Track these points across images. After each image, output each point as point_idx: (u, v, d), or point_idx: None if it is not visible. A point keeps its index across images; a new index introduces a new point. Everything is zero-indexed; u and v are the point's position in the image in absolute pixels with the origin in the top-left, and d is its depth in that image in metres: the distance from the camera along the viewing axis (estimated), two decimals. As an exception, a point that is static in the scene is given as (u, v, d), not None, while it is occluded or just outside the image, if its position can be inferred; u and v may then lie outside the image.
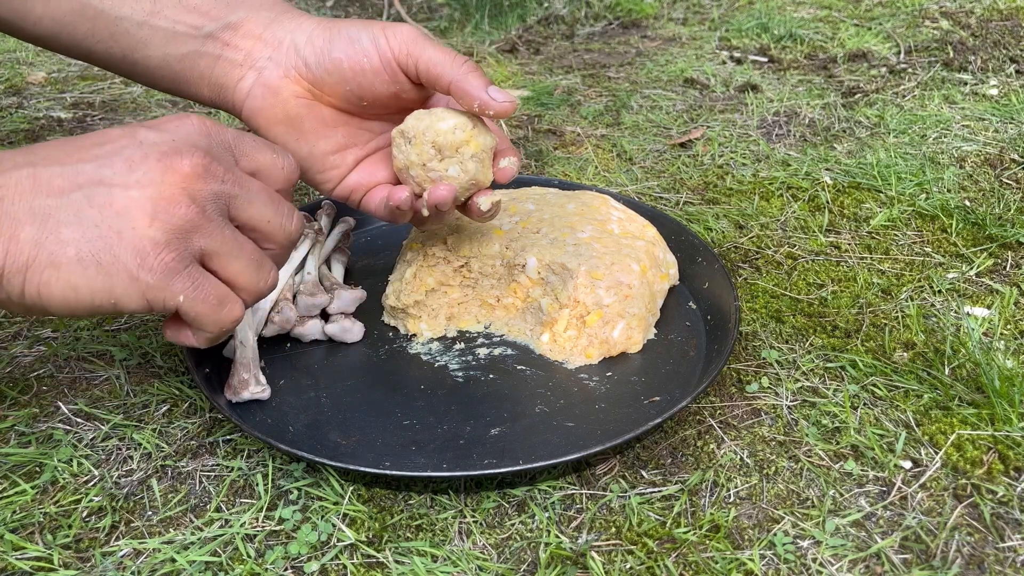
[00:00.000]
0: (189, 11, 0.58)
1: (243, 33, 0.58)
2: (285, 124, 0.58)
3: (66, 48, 0.60)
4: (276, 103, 0.57)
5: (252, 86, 0.58)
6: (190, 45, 0.58)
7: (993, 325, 0.67)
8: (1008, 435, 0.56)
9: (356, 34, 0.56)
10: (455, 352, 0.65)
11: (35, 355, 0.65)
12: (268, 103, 0.58)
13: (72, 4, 0.58)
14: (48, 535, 0.51)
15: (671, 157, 0.98)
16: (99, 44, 0.59)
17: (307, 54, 0.57)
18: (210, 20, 0.58)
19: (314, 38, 0.57)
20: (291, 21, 0.58)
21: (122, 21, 0.58)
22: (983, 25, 1.35)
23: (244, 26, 0.58)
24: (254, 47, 0.58)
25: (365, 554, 0.49)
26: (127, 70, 0.61)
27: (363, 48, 0.56)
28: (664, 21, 1.50)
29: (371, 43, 0.56)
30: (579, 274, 0.63)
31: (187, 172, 0.43)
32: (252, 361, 0.60)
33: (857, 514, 0.51)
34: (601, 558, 0.49)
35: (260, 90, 0.57)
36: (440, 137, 0.56)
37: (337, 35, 0.56)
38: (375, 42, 0.56)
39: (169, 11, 0.58)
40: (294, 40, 0.57)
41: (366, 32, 0.56)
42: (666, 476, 0.55)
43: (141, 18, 0.58)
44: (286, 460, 0.55)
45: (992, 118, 1.04)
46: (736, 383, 0.62)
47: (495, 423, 0.57)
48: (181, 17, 0.58)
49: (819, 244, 0.79)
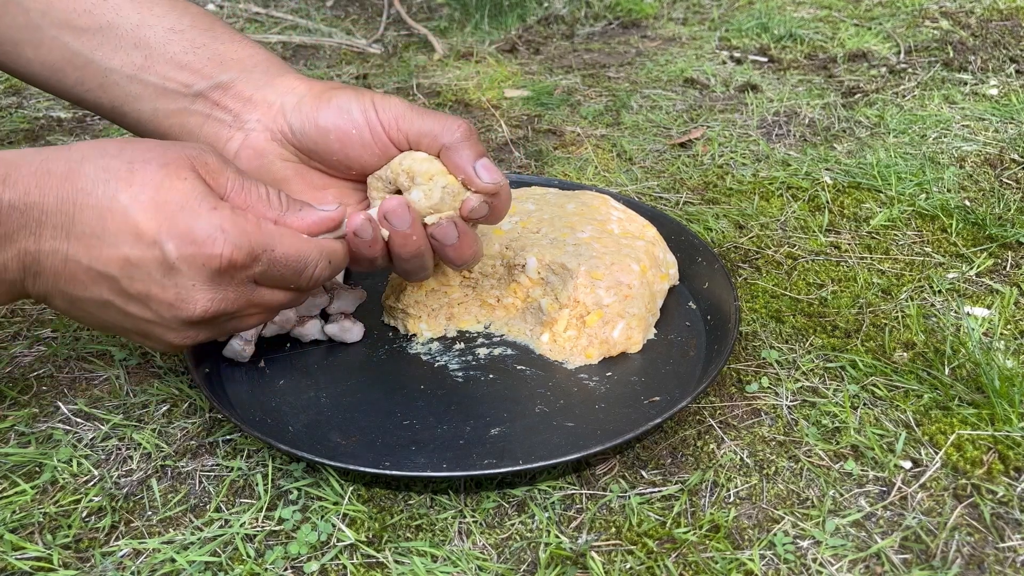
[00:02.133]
0: (180, 68, 0.57)
1: (233, 94, 0.57)
2: (272, 185, 0.57)
3: (56, 92, 0.60)
4: (262, 165, 0.57)
5: (239, 148, 0.57)
6: (180, 103, 0.57)
7: (993, 325, 0.67)
8: (1008, 435, 0.56)
9: (346, 104, 0.55)
10: (455, 352, 0.65)
11: (35, 355, 0.65)
12: (255, 165, 0.57)
13: (62, 52, 0.57)
14: (48, 535, 0.51)
15: (671, 157, 0.98)
16: (88, 93, 0.59)
17: (293, 120, 0.56)
18: (201, 78, 0.57)
19: (303, 104, 0.56)
20: (283, 83, 0.58)
21: (112, 73, 0.57)
22: (983, 25, 1.35)
23: (234, 87, 0.57)
24: (243, 109, 0.57)
25: (365, 554, 0.49)
26: (117, 120, 0.60)
27: (352, 119, 0.55)
28: (664, 21, 1.50)
29: (361, 115, 0.55)
30: (579, 274, 0.63)
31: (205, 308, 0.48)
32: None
33: (857, 514, 0.51)
34: (601, 558, 0.49)
35: (247, 152, 0.57)
36: (415, 165, 0.56)
37: (326, 104, 0.56)
38: (365, 114, 0.55)
39: (160, 67, 0.57)
40: (283, 104, 0.57)
41: (356, 104, 0.55)
42: (666, 476, 0.55)
43: (131, 72, 0.57)
44: (286, 460, 0.55)
45: (992, 118, 1.04)
46: (736, 383, 0.62)
47: (495, 423, 0.57)
48: (172, 74, 0.57)
49: (819, 244, 0.79)
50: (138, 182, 0.46)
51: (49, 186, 0.45)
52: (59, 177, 0.46)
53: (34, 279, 0.48)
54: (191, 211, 0.46)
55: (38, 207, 0.45)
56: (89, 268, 0.47)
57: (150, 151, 0.47)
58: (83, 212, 0.46)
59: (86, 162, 0.46)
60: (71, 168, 0.46)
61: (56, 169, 0.46)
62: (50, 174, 0.45)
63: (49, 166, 0.46)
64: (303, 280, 0.52)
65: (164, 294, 0.47)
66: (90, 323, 0.51)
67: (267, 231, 0.49)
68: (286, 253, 0.50)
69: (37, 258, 0.47)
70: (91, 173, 0.46)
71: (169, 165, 0.47)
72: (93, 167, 0.46)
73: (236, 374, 0.62)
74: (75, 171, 0.46)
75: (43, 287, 0.48)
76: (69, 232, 0.46)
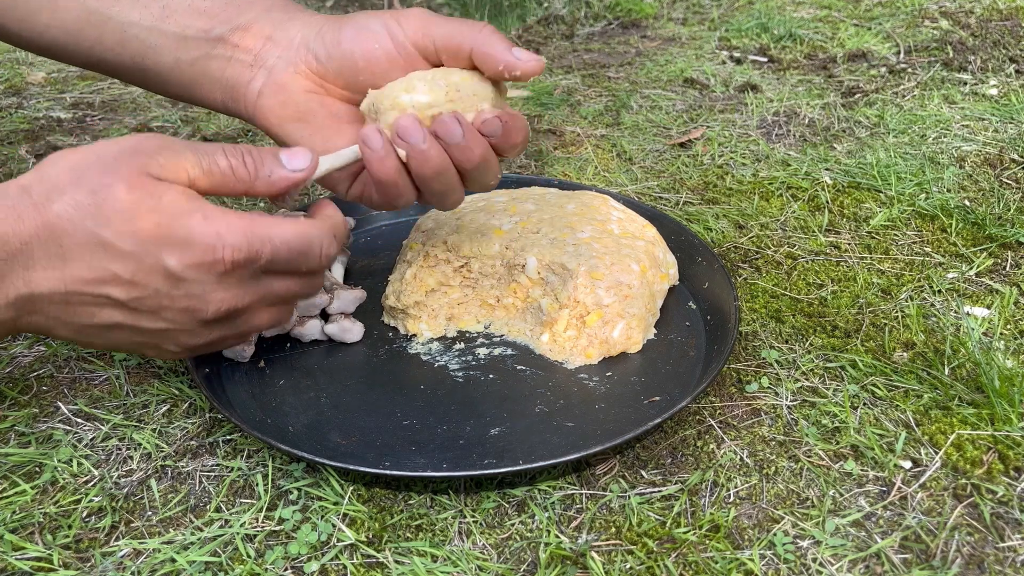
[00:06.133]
0: (199, 15, 0.57)
1: (253, 34, 0.57)
2: (296, 120, 0.57)
3: (74, 57, 0.60)
4: (287, 100, 0.57)
5: (263, 86, 0.57)
6: (200, 49, 0.57)
7: (993, 325, 0.67)
8: (1008, 435, 0.56)
9: (366, 22, 0.55)
10: (455, 352, 0.65)
11: (35, 355, 0.65)
12: (279, 100, 0.57)
13: (79, 12, 0.57)
14: (48, 535, 0.51)
15: (671, 157, 0.98)
16: (108, 52, 0.59)
17: (317, 48, 0.56)
18: (220, 23, 0.57)
19: (324, 32, 0.56)
20: (301, 19, 0.57)
21: (131, 27, 0.57)
22: (983, 25, 1.35)
23: (254, 27, 0.57)
24: (264, 47, 0.57)
25: (365, 554, 0.49)
26: (138, 78, 0.60)
27: (374, 35, 0.54)
28: (664, 21, 1.50)
29: (383, 29, 0.54)
30: (579, 274, 0.63)
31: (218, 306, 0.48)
32: None
33: (857, 514, 0.51)
34: (601, 558, 0.49)
35: (271, 88, 0.57)
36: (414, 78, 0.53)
37: (347, 25, 0.55)
38: (387, 28, 0.54)
39: (179, 16, 0.57)
40: (304, 37, 0.56)
41: (376, 20, 0.54)
42: (666, 476, 0.55)
43: (150, 23, 0.57)
44: (286, 460, 0.55)
45: (992, 118, 1.04)
46: (736, 383, 0.62)
47: (495, 423, 0.57)
48: (191, 21, 0.57)
49: (819, 244, 0.79)
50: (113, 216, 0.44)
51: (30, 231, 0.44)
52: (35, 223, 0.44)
53: (29, 316, 0.47)
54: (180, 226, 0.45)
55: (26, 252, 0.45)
56: (95, 296, 0.46)
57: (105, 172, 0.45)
58: (72, 251, 0.45)
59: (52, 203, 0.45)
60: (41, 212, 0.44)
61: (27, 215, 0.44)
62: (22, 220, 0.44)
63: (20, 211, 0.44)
64: (312, 261, 0.51)
65: (176, 303, 0.47)
66: (99, 346, 0.51)
67: (261, 224, 0.48)
68: (286, 240, 0.49)
69: (31, 299, 0.46)
70: (63, 213, 0.44)
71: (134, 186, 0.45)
72: (62, 206, 0.44)
73: (236, 374, 0.62)
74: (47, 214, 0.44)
75: (41, 322, 0.48)
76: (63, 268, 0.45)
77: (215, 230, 0.46)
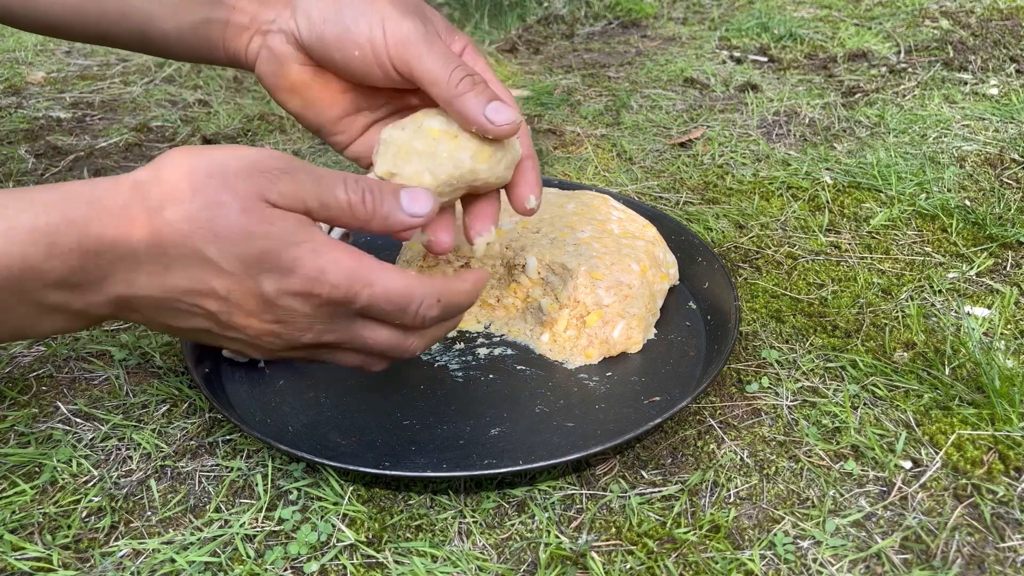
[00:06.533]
0: None
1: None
2: (291, 92, 0.57)
3: (80, 33, 0.60)
4: (280, 71, 0.56)
5: (259, 50, 0.56)
6: (199, 13, 0.57)
7: (993, 325, 0.67)
8: (1008, 435, 0.56)
9: (354, 17, 0.52)
10: (455, 352, 0.65)
11: (34, 355, 0.65)
12: (273, 69, 0.56)
13: None
14: (47, 535, 0.50)
15: (671, 157, 0.98)
16: (111, 25, 0.59)
17: (302, 25, 0.54)
18: None
19: (312, 9, 0.53)
20: None
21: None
22: (983, 25, 1.35)
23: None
24: (259, 10, 0.56)
25: (365, 554, 0.49)
26: (144, 46, 0.60)
27: (354, 40, 0.52)
28: (664, 21, 1.50)
29: (367, 31, 0.52)
30: (579, 274, 0.63)
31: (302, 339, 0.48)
32: None
33: (857, 514, 0.51)
34: (601, 558, 0.49)
35: (266, 54, 0.56)
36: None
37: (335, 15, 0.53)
38: (370, 35, 0.52)
39: None
40: (296, 4, 0.55)
41: (365, 19, 0.52)
42: (666, 476, 0.55)
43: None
44: (286, 460, 0.55)
45: (992, 118, 1.04)
46: (736, 383, 0.62)
47: (495, 423, 0.57)
48: None
49: (819, 244, 0.79)
50: (223, 235, 0.44)
51: (139, 237, 0.44)
52: (146, 229, 0.44)
53: (125, 312, 0.47)
54: (287, 256, 0.45)
55: (133, 256, 0.44)
56: (190, 306, 0.46)
57: (223, 189, 0.44)
58: (176, 262, 0.45)
59: (165, 210, 0.44)
60: (153, 219, 0.44)
61: (139, 219, 0.44)
62: (133, 223, 0.44)
63: (132, 214, 0.44)
64: (407, 318, 0.48)
65: (264, 325, 0.47)
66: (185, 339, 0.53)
67: (368, 267, 0.47)
68: (387, 289, 0.47)
69: (129, 299, 0.46)
70: (175, 224, 0.44)
71: (249, 209, 0.44)
72: (174, 216, 0.44)
73: (236, 374, 0.62)
74: (159, 221, 0.44)
75: (134, 317, 0.48)
76: (164, 276, 0.45)
77: (320, 265, 0.45)
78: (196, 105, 1.14)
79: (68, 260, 0.43)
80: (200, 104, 1.15)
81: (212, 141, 1.03)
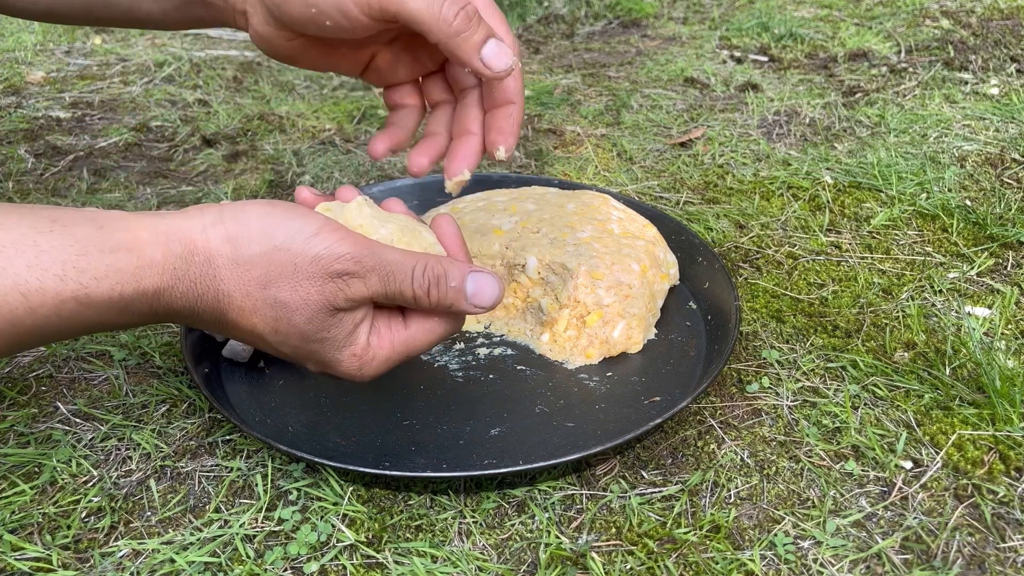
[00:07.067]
0: None
1: None
2: (291, 62, 0.56)
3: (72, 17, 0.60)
4: (271, 48, 0.55)
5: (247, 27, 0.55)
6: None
7: (994, 325, 0.67)
8: (1009, 435, 0.56)
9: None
10: (455, 352, 0.65)
11: (34, 355, 0.65)
12: (265, 46, 0.55)
13: None
14: (47, 536, 0.50)
15: (671, 157, 0.98)
16: (101, 9, 0.58)
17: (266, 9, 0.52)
18: None
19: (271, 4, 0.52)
20: None
21: None
22: (984, 24, 1.35)
23: None
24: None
25: (365, 554, 0.49)
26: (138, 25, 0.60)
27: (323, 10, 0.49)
28: (664, 20, 1.50)
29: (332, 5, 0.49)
30: (579, 274, 0.63)
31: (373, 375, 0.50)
32: None
33: (858, 514, 0.51)
34: (601, 559, 0.49)
35: (254, 33, 0.55)
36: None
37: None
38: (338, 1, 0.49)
39: None
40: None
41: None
42: (666, 476, 0.55)
43: None
44: (285, 460, 0.55)
45: (993, 117, 1.04)
46: (736, 383, 0.62)
47: (495, 423, 0.57)
48: None
49: (819, 244, 0.79)
50: (283, 331, 0.46)
51: (206, 307, 0.45)
52: (213, 303, 0.45)
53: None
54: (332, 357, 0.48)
55: (198, 318, 0.46)
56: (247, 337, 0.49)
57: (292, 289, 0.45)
58: (235, 331, 0.47)
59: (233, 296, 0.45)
60: (220, 301, 0.45)
61: (207, 293, 0.45)
62: (202, 298, 0.45)
63: (199, 289, 0.45)
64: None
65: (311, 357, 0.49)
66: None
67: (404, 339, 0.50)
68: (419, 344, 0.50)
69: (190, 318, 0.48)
70: (242, 310, 0.45)
71: (313, 319, 0.46)
72: (242, 304, 0.45)
73: (236, 374, 0.62)
74: (225, 304, 0.45)
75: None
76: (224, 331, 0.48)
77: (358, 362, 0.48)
78: (195, 105, 1.14)
79: (140, 319, 0.45)
80: (199, 104, 1.15)
81: (212, 141, 1.03)
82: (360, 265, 0.45)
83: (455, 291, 0.48)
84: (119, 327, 0.46)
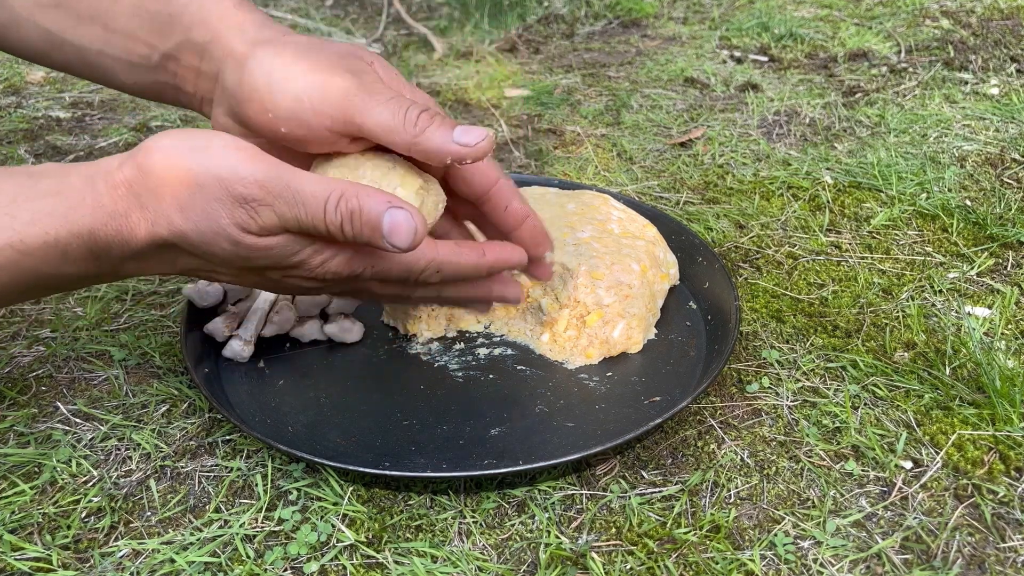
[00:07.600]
0: (135, 40, 0.53)
1: (184, 65, 0.53)
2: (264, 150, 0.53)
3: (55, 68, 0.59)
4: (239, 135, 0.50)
5: (214, 118, 0.53)
6: (148, 75, 0.54)
7: (994, 325, 0.67)
8: (1009, 435, 0.56)
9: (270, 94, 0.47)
10: (455, 352, 0.65)
11: (34, 355, 0.65)
12: (234, 132, 0.51)
13: (39, 33, 0.55)
14: (47, 536, 0.50)
15: (671, 157, 0.98)
16: (78, 70, 0.57)
17: (225, 103, 0.50)
18: (152, 49, 0.53)
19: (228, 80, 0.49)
20: (220, 49, 0.51)
21: (83, 51, 0.55)
22: (984, 24, 1.35)
23: (182, 57, 0.53)
24: (198, 81, 0.53)
25: (365, 555, 0.49)
26: (116, 88, 0.58)
27: (280, 116, 0.47)
28: (664, 20, 1.50)
29: (291, 104, 0.47)
30: (579, 274, 0.63)
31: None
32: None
33: (858, 514, 0.51)
34: (601, 559, 0.49)
35: (216, 124, 0.52)
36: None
37: (250, 92, 0.48)
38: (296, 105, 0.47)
39: (118, 40, 0.54)
40: (222, 81, 0.50)
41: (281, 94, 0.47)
42: (666, 476, 0.55)
43: (98, 47, 0.54)
44: (285, 460, 0.55)
45: (993, 117, 1.04)
46: (736, 383, 0.62)
47: (495, 423, 0.57)
48: (130, 47, 0.54)
49: (820, 244, 0.79)
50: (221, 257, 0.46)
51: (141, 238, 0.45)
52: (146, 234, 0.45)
53: None
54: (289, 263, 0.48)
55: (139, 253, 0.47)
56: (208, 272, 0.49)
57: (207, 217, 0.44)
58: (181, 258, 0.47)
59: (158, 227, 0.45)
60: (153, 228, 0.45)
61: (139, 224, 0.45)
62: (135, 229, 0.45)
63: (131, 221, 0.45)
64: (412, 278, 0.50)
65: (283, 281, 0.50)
66: None
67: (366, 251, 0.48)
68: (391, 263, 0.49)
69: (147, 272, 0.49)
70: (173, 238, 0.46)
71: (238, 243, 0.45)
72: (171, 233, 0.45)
73: (236, 374, 0.62)
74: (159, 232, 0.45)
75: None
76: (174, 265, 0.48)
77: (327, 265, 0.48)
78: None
79: (82, 265, 0.45)
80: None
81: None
82: (265, 191, 0.43)
83: (371, 228, 0.44)
84: (70, 279, 0.46)
